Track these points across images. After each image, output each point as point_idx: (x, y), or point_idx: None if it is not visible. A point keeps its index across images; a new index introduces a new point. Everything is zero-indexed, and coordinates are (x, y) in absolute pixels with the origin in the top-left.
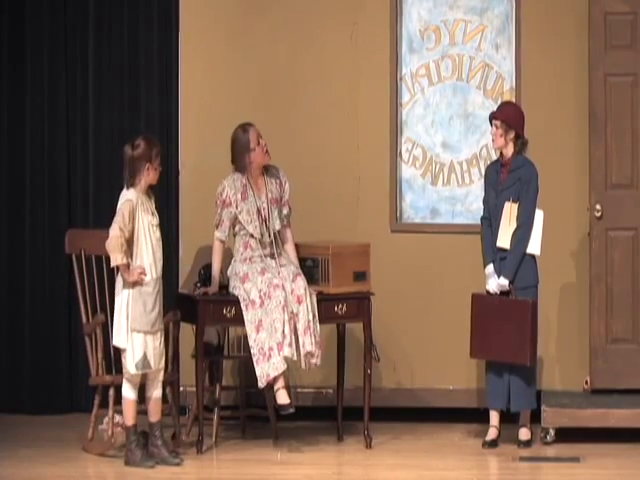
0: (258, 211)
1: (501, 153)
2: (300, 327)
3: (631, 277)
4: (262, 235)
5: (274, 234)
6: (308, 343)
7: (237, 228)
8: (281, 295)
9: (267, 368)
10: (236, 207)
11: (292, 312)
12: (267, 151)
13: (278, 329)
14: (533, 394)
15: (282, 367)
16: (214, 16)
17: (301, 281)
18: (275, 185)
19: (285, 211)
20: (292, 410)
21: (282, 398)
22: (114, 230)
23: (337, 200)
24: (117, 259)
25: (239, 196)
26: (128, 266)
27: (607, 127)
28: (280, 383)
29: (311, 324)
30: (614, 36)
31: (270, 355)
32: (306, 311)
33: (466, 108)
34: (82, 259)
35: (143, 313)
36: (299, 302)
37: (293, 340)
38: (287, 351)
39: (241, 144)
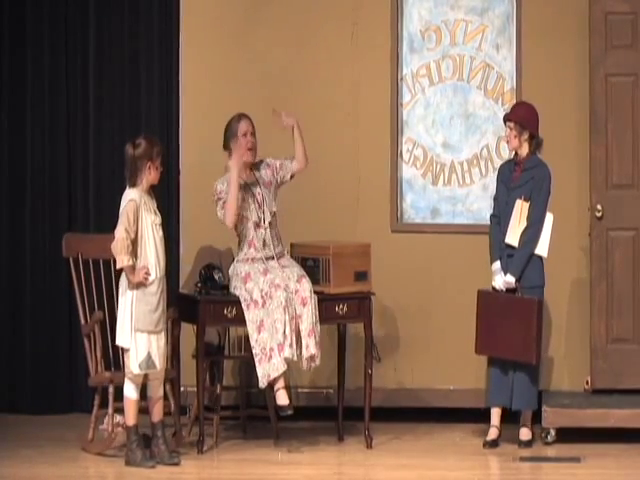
0: (253, 195)
1: (516, 153)
2: (304, 329)
3: (632, 277)
4: (260, 219)
5: (270, 227)
6: (312, 345)
7: (239, 228)
8: (282, 295)
9: (268, 368)
10: None
11: (295, 313)
12: (250, 148)
13: (279, 330)
14: (535, 394)
15: (282, 368)
16: (215, 16)
17: (306, 283)
18: (265, 171)
19: (282, 161)
20: (291, 412)
21: (282, 399)
22: (120, 232)
23: (338, 200)
24: (123, 261)
25: None
26: (133, 267)
27: (608, 127)
28: (280, 384)
29: (314, 327)
30: (615, 36)
31: (271, 356)
32: (310, 314)
33: (467, 108)
34: (80, 263)
35: (147, 313)
36: (304, 304)
37: (294, 341)
38: (288, 352)
39: (229, 129)
